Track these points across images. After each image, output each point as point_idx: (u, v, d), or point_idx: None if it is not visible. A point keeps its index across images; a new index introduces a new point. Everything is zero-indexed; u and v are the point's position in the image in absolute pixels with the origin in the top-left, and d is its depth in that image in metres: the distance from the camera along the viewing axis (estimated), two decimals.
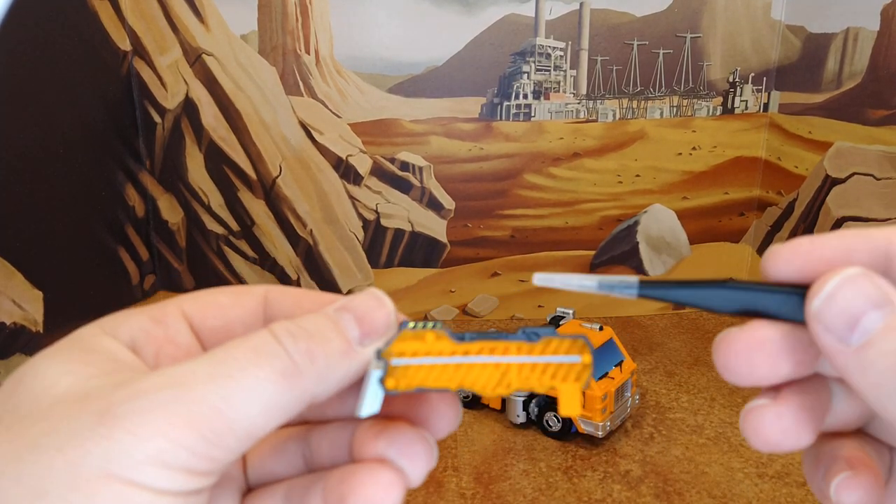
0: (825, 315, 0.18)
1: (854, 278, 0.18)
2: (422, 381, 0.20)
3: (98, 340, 0.20)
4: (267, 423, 0.18)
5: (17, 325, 0.70)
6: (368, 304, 0.21)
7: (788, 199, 0.93)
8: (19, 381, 0.19)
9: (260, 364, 0.18)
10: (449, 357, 0.20)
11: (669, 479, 0.64)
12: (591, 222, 0.99)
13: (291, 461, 0.24)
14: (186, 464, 0.17)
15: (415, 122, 0.94)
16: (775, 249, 0.20)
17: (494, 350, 0.21)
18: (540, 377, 0.21)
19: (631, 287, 0.21)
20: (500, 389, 0.21)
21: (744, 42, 0.94)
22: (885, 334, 0.18)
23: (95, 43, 0.81)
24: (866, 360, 0.18)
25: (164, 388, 0.17)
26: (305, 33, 0.89)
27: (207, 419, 0.17)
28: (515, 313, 1.02)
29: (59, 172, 0.76)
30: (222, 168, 0.93)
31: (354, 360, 0.20)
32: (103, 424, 0.16)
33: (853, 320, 0.18)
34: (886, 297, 0.18)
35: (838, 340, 0.18)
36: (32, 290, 0.71)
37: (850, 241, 0.19)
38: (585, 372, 0.21)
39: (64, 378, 0.18)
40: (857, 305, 0.18)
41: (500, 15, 0.90)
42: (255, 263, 0.97)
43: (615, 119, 0.97)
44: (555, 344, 0.21)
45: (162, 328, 0.22)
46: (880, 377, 0.18)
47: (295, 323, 0.20)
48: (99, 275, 0.84)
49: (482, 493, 0.63)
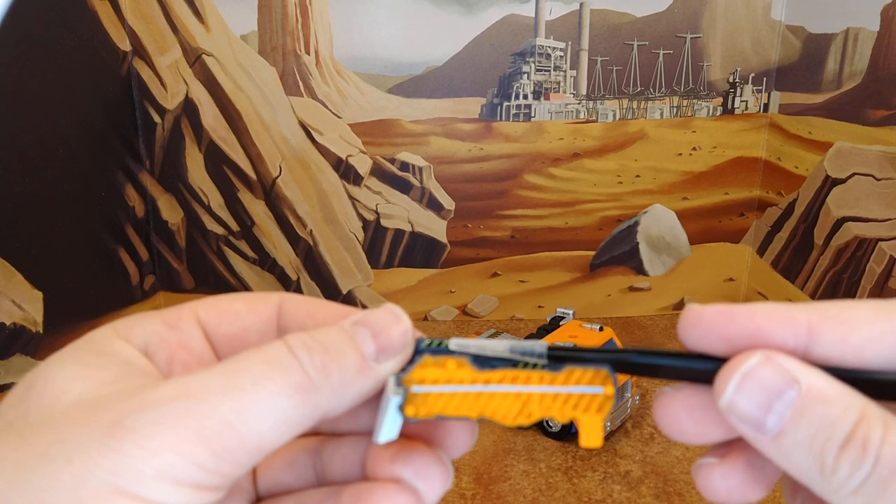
0: (734, 411, 0.18)
1: (754, 370, 0.18)
2: (442, 409, 0.20)
3: (111, 344, 0.20)
4: (279, 437, 0.18)
5: (17, 326, 0.70)
6: (385, 319, 0.20)
7: (788, 199, 0.93)
8: (31, 385, 0.18)
9: (274, 377, 0.18)
10: (470, 385, 0.20)
11: (669, 480, 0.64)
12: (591, 222, 0.99)
13: (302, 473, 0.23)
14: (195, 479, 0.17)
15: (415, 122, 0.94)
16: (688, 311, 0.20)
17: (516, 379, 0.20)
18: (561, 407, 0.20)
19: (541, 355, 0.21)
20: (520, 419, 0.20)
21: (744, 42, 0.94)
22: (797, 420, 0.17)
23: (95, 43, 0.81)
24: (785, 449, 0.18)
25: (176, 400, 0.17)
26: (305, 33, 0.89)
27: (219, 434, 0.17)
28: (515, 314, 1.02)
29: (58, 173, 0.76)
30: (222, 168, 0.93)
31: (369, 377, 0.20)
32: (113, 437, 0.16)
33: (763, 411, 0.18)
34: (791, 379, 0.18)
35: (755, 431, 0.18)
36: (32, 291, 0.71)
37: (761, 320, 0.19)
38: (608, 403, 0.20)
39: (75, 384, 0.18)
40: (762, 399, 0.18)
41: (500, 15, 0.90)
42: (255, 264, 0.97)
43: (615, 119, 0.97)
44: (577, 374, 0.20)
45: (175, 333, 0.21)
46: (802, 464, 0.17)
47: (311, 335, 0.19)
48: (99, 275, 0.84)
49: (482, 493, 0.63)
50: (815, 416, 0.17)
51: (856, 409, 0.17)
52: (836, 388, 0.18)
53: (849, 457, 0.17)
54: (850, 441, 0.17)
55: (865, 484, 0.16)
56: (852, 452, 0.17)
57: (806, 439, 0.17)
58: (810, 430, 0.17)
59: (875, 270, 0.78)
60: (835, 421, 0.17)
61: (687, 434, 0.20)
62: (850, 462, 0.16)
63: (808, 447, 0.17)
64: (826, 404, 0.17)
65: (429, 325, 1.00)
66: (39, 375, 0.19)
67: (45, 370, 0.19)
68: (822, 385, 0.18)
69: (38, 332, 0.72)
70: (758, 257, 1.01)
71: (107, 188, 0.85)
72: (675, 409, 0.20)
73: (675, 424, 0.20)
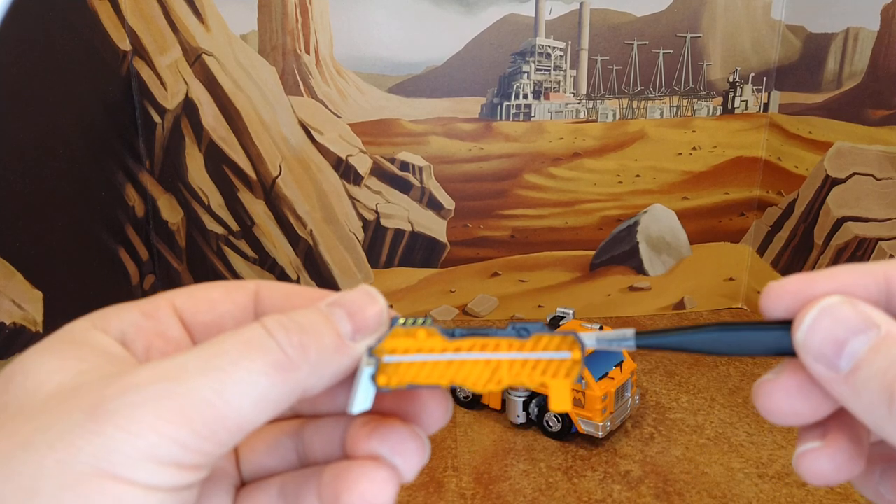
0: (810, 346, 0.19)
1: (832, 307, 0.19)
2: (413, 377, 0.21)
3: (88, 335, 0.20)
4: (258, 416, 0.18)
5: (17, 325, 0.70)
6: (360, 300, 0.21)
7: (788, 199, 0.93)
8: (10, 378, 0.19)
9: (252, 357, 0.18)
10: (440, 354, 0.21)
11: (669, 480, 0.64)
12: (591, 222, 0.99)
13: (285, 456, 0.24)
14: (178, 458, 0.17)
15: (415, 122, 0.94)
16: (769, 287, 0.20)
17: (485, 347, 0.21)
18: (531, 373, 0.21)
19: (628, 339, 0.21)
20: (490, 385, 0.21)
21: (744, 42, 0.94)
22: (872, 357, 0.18)
23: (95, 43, 0.81)
24: (857, 385, 0.18)
25: (155, 382, 0.17)
26: (305, 33, 0.89)
27: (199, 413, 0.17)
28: (515, 313, 1.02)
29: (58, 172, 0.76)
30: (222, 168, 0.93)
31: (346, 355, 0.20)
32: (94, 421, 0.16)
33: (838, 347, 0.18)
34: (869, 321, 0.18)
35: (828, 368, 0.18)
36: (32, 291, 0.71)
37: (843, 277, 0.19)
38: (575, 368, 0.21)
39: (55, 375, 0.18)
40: (839, 332, 0.18)
41: (500, 15, 0.90)
42: (255, 264, 0.97)
43: (615, 119, 0.97)
44: (545, 340, 0.21)
45: (152, 322, 0.22)
46: (872, 400, 0.18)
47: (287, 317, 0.20)
48: (99, 275, 0.84)
49: (482, 493, 0.63)
50: (891, 355, 0.17)
51: None
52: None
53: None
54: None
55: None
56: None
57: (879, 375, 0.17)
58: (884, 364, 0.17)
59: None
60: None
61: (802, 414, 0.20)
62: None
63: (881, 380, 0.17)
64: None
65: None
66: (18, 368, 0.19)
67: (23, 362, 0.19)
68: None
69: (38, 332, 0.72)
70: (758, 257, 1.01)
71: (107, 188, 0.85)
72: (784, 392, 0.20)
73: (788, 407, 0.20)
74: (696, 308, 1.03)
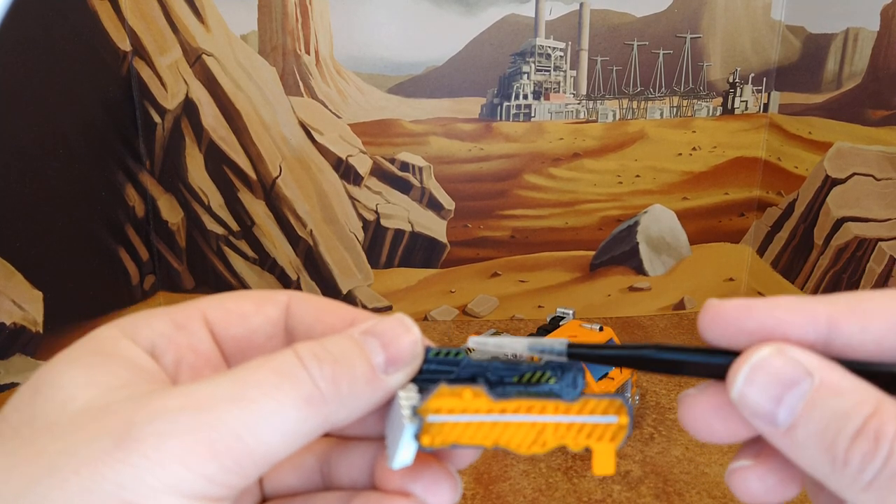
0: (746, 404, 0.18)
1: (763, 362, 0.18)
2: (457, 438, 0.20)
3: (117, 344, 0.20)
4: (286, 449, 0.18)
5: (17, 326, 0.70)
6: (395, 329, 0.20)
7: (788, 199, 0.93)
8: (37, 390, 0.18)
9: (283, 388, 0.18)
10: (485, 415, 0.20)
11: (669, 480, 0.64)
12: (591, 222, 0.99)
13: (309, 476, 0.23)
14: (203, 491, 0.17)
15: (415, 122, 0.94)
16: (708, 305, 0.20)
17: (531, 409, 0.20)
18: (576, 436, 0.20)
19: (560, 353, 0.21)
20: (535, 448, 0.20)
21: (744, 42, 0.94)
22: (809, 412, 0.17)
23: (95, 43, 0.81)
24: (797, 441, 0.17)
25: (184, 410, 0.17)
26: (305, 33, 0.89)
27: (227, 447, 0.17)
28: (515, 314, 1.02)
29: (58, 172, 0.76)
30: (222, 168, 0.93)
31: (379, 389, 0.20)
32: (121, 448, 0.16)
33: (774, 403, 0.18)
34: (801, 370, 0.17)
35: (767, 424, 0.18)
36: (32, 291, 0.71)
37: (781, 313, 0.19)
38: (621, 433, 0.20)
39: (83, 390, 0.18)
40: (773, 389, 0.18)
41: (500, 15, 0.90)
42: (255, 264, 0.97)
43: (615, 119, 0.97)
44: (592, 404, 0.21)
45: (184, 334, 0.21)
46: (814, 456, 0.17)
47: (321, 345, 0.19)
48: (99, 275, 0.84)
49: (482, 493, 0.63)
50: (828, 408, 0.17)
51: (870, 403, 0.17)
52: (850, 381, 0.17)
53: (860, 449, 0.16)
54: (861, 433, 0.16)
55: (878, 478, 0.16)
56: (864, 444, 0.16)
57: (818, 431, 0.17)
58: (822, 422, 0.17)
59: (875, 270, 0.78)
60: (847, 413, 0.17)
61: (717, 434, 0.19)
62: (862, 454, 0.16)
63: (820, 439, 0.17)
64: (839, 397, 0.17)
65: (429, 325, 1.00)
66: (45, 379, 0.18)
67: (50, 373, 0.18)
68: (835, 378, 0.17)
69: (38, 332, 0.72)
70: (758, 257, 1.01)
71: (107, 188, 0.85)
72: (701, 410, 0.19)
73: (704, 425, 0.19)
74: (696, 308, 1.03)
